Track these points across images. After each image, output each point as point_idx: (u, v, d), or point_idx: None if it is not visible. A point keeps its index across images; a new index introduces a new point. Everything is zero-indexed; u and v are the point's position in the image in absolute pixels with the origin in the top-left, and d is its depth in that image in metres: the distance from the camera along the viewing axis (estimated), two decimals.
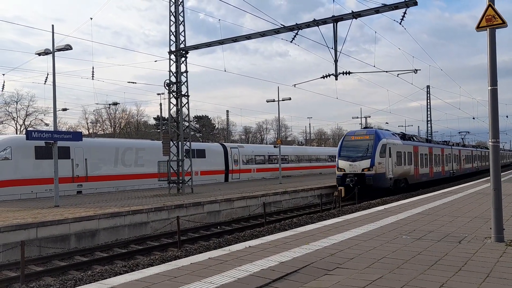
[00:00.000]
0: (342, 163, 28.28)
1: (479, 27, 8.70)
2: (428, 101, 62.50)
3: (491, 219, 8.78)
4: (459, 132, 67.86)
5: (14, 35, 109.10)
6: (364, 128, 33.30)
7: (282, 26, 21.76)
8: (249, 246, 8.40)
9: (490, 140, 8.78)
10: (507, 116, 65.11)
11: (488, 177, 10.26)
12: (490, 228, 8.87)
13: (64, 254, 12.05)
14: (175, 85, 25.69)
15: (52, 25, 23.49)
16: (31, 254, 11.79)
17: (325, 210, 19.58)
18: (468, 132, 68.37)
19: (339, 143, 30.35)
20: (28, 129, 37.56)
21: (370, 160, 27.33)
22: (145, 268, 8.62)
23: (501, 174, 9.10)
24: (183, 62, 25.89)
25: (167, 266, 6.90)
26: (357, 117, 67.18)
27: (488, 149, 68.06)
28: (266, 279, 6.05)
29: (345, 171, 27.77)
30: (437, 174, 39.51)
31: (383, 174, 27.52)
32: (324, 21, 20.88)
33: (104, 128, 79.99)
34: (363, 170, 27.12)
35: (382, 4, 19.41)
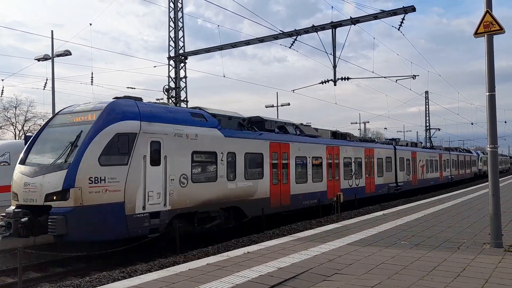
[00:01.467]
0: (17, 179, 11.69)
1: (477, 33, 8.75)
2: (427, 106, 62.61)
3: (489, 225, 8.79)
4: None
5: (13, 41, 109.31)
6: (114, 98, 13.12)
7: (281, 32, 21.84)
8: (248, 252, 8.39)
9: (488, 146, 8.80)
10: (505, 122, 65.17)
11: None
12: (489, 234, 8.87)
13: (62, 260, 12.01)
14: (174, 90, 25.72)
15: (52, 31, 23.56)
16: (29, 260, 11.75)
17: (324, 216, 19.53)
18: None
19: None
20: (26, 134, 37.53)
21: (65, 172, 10.65)
22: (143, 274, 8.59)
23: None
24: (182, 67, 25.94)
25: (165, 272, 6.89)
26: (356, 122, 67.36)
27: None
28: (265, 285, 6.04)
29: (17, 199, 11.31)
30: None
31: (113, 207, 10.95)
32: (323, 27, 20.95)
33: None
34: (47, 197, 10.64)
35: (380, 10, 19.50)
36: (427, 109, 62.62)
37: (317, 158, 19.87)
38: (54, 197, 10.54)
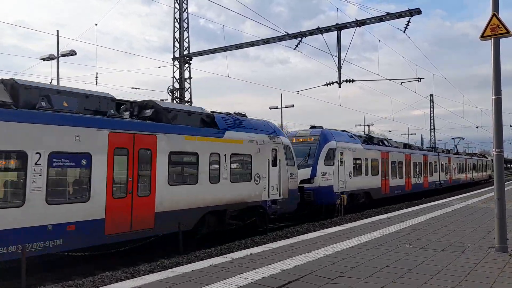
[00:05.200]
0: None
1: (483, 36, 8.70)
2: (432, 109, 62.46)
3: (494, 229, 8.73)
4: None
5: (16, 40, 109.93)
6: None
7: (286, 34, 21.82)
8: (251, 254, 8.37)
9: (494, 150, 8.74)
10: (511, 126, 64.73)
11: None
12: (494, 238, 8.81)
13: (65, 260, 12.02)
14: (178, 91, 25.73)
15: (57, 31, 23.64)
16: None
17: (328, 218, 19.49)
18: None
19: None
20: None
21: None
22: (146, 274, 8.59)
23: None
24: (186, 68, 25.97)
25: (168, 273, 6.87)
26: (360, 125, 67.20)
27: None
28: (268, 287, 6.01)
29: None
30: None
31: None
32: (328, 29, 20.93)
33: None
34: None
35: (386, 12, 19.45)
36: (432, 112, 62.49)
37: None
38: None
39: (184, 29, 25.75)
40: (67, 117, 10.26)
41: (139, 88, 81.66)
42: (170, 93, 25.72)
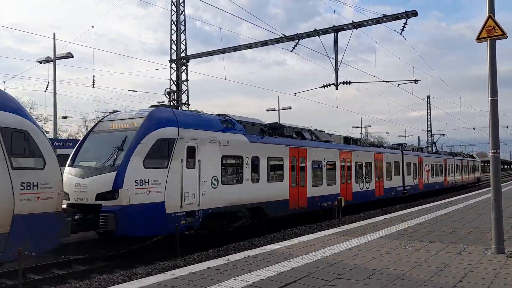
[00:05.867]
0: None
1: (479, 38, 8.73)
2: (428, 111, 62.60)
3: (491, 230, 8.75)
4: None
5: (12, 42, 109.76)
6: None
7: (283, 36, 21.86)
8: (248, 256, 8.36)
9: (490, 151, 8.76)
10: (507, 127, 64.92)
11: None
12: (491, 239, 8.83)
13: (63, 263, 11.98)
14: (175, 93, 25.72)
15: (54, 33, 23.61)
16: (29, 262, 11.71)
17: (325, 220, 19.48)
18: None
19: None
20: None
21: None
22: (143, 277, 8.56)
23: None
24: (183, 70, 25.97)
25: (165, 276, 6.86)
26: (357, 127, 67.37)
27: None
28: None
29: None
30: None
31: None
32: (324, 31, 20.97)
33: None
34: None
35: (382, 14, 19.50)
36: (429, 113, 62.64)
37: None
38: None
39: (181, 31, 25.76)
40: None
41: (136, 91, 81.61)
42: (168, 96, 25.71)
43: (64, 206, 11.19)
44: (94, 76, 28.62)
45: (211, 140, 13.96)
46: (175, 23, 25.69)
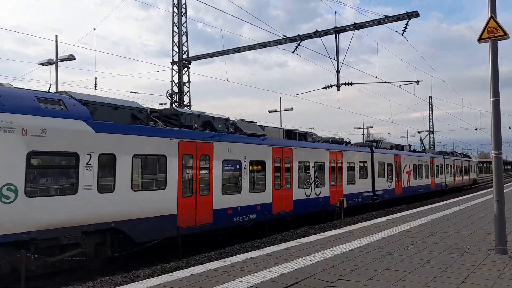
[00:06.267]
0: None
1: (481, 39, 8.73)
2: (430, 111, 62.57)
3: (493, 231, 8.72)
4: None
5: (14, 45, 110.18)
6: None
7: (284, 37, 21.88)
8: (251, 257, 8.35)
9: (492, 152, 8.75)
10: (510, 127, 64.88)
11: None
12: (493, 240, 8.81)
13: (64, 265, 12.00)
14: (177, 95, 25.76)
15: (56, 36, 23.65)
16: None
17: (327, 221, 19.48)
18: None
19: None
20: None
21: None
22: (145, 279, 8.57)
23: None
24: (185, 72, 26.00)
25: (167, 277, 6.86)
26: (359, 128, 67.29)
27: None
28: None
29: None
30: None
31: None
32: (326, 32, 21.00)
33: None
34: None
35: (384, 15, 19.52)
36: (431, 114, 62.59)
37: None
38: None
39: (182, 33, 25.81)
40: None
41: (138, 92, 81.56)
42: (169, 97, 25.76)
43: None
44: (96, 78, 28.76)
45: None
46: (176, 25, 25.74)
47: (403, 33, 19.35)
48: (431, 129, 62.87)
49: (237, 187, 15.23)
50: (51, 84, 27.08)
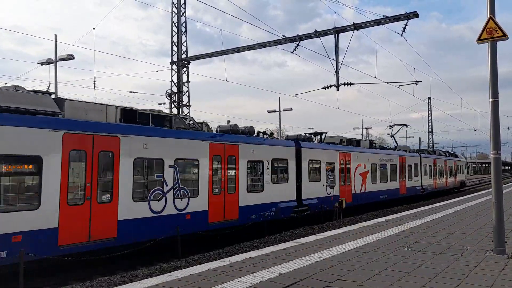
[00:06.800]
0: None
1: (480, 40, 8.73)
2: (430, 112, 62.63)
3: (492, 232, 8.73)
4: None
5: (13, 45, 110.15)
6: None
7: (283, 37, 21.88)
8: (249, 257, 8.35)
9: (491, 152, 8.75)
10: (508, 128, 64.98)
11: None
12: (492, 241, 8.82)
13: (63, 265, 11.99)
14: (176, 95, 25.75)
15: (55, 35, 23.70)
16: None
17: (326, 221, 19.49)
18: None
19: None
20: None
21: None
22: (144, 278, 8.57)
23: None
24: (184, 72, 25.99)
25: (166, 277, 6.85)
26: (358, 128, 67.35)
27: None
28: None
29: None
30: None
31: None
32: (325, 33, 21.01)
33: None
34: None
35: (383, 16, 19.53)
36: (430, 115, 62.65)
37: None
38: None
39: (182, 33, 25.81)
40: None
41: (137, 92, 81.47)
42: (168, 97, 25.74)
43: None
44: (95, 77, 28.74)
45: None
46: (176, 24, 25.73)
47: (402, 33, 19.38)
48: (430, 130, 62.95)
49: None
50: (50, 83, 27.08)
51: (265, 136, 18.35)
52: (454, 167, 42.71)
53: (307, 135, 22.62)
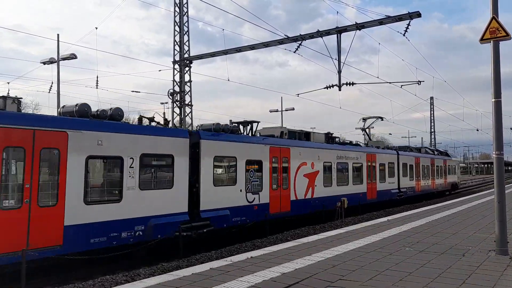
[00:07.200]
0: None
1: (483, 39, 8.71)
2: (432, 112, 62.54)
3: (494, 232, 8.72)
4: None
5: (15, 44, 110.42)
6: None
7: (286, 37, 21.86)
8: (251, 257, 8.35)
9: (494, 152, 8.74)
10: (511, 128, 64.74)
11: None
12: (494, 241, 8.80)
13: (65, 264, 12.00)
14: (178, 94, 25.76)
15: (58, 35, 23.68)
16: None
17: (328, 221, 19.46)
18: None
19: None
20: None
21: None
22: (146, 278, 8.57)
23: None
24: (186, 71, 26.00)
25: (168, 276, 6.86)
26: (360, 128, 67.22)
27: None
28: None
29: None
30: None
31: None
32: (328, 32, 20.97)
33: None
34: None
35: (385, 15, 19.49)
36: (432, 115, 62.55)
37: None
38: None
39: (184, 32, 25.82)
40: None
41: (139, 92, 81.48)
42: (171, 96, 25.76)
43: None
44: (97, 77, 28.66)
45: None
46: (178, 24, 25.75)
47: (404, 33, 19.32)
48: (432, 130, 62.84)
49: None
50: (52, 82, 27.10)
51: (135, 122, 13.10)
52: (444, 167, 37.58)
53: (234, 125, 17.46)
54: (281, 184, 17.53)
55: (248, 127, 18.14)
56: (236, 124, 17.89)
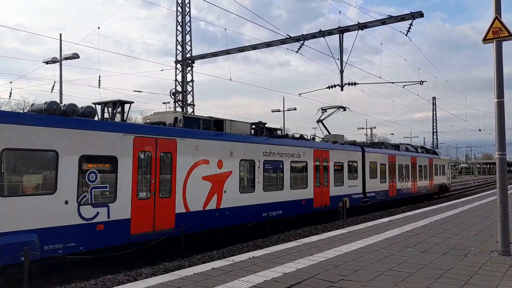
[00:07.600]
0: None
1: (485, 39, 8.69)
2: (434, 112, 62.44)
3: (496, 233, 8.70)
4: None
5: (17, 44, 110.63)
6: None
7: (288, 37, 21.87)
8: (253, 257, 8.35)
9: (496, 153, 8.72)
10: None
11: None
12: (496, 242, 8.78)
13: (67, 263, 12.02)
14: (181, 94, 25.79)
15: (60, 34, 23.72)
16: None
17: (330, 221, 19.46)
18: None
19: None
20: None
21: None
22: (148, 277, 8.58)
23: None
24: (189, 71, 26.02)
25: (170, 276, 6.86)
26: (362, 128, 67.19)
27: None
28: None
29: None
30: None
31: None
32: (330, 32, 20.98)
33: None
34: None
35: (388, 15, 19.49)
36: (434, 115, 62.46)
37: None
38: None
39: (186, 32, 25.84)
40: None
41: (141, 91, 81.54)
42: (173, 96, 25.78)
43: None
44: (99, 76, 28.68)
45: None
46: (180, 24, 25.76)
47: (407, 33, 19.34)
48: (435, 130, 62.75)
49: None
50: (55, 82, 27.16)
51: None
52: (430, 167, 32.56)
53: (91, 106, 12.32)
54: (158, 191, 12.30)
55: (117, 110, 12.71)
56: (94, 106, 12.57)
